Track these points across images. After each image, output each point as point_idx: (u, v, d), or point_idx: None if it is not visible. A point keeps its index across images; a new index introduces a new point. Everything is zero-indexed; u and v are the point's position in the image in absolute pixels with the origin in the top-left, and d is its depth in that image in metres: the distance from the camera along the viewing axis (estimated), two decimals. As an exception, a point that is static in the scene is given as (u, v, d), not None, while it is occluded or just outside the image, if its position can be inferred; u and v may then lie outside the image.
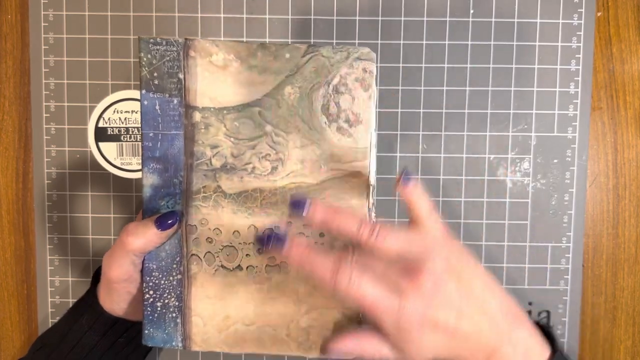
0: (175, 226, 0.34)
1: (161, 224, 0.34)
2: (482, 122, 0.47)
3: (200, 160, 0.35)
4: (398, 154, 0.47)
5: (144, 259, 0.35)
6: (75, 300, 0.48)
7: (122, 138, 0.41)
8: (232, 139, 0.34)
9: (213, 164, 0.35)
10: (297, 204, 0.32)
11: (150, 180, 0.35)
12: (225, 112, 0.34)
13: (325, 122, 0.34)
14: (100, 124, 0.41)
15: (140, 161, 0.42)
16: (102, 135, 0.41)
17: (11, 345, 0.49)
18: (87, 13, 0.47)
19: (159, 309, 0.36)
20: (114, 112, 0.41)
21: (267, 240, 0.32)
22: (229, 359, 0.48)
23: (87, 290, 0.40)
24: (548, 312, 0.48)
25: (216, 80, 0.34)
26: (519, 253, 0.48)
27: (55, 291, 0.48)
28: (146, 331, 0.36)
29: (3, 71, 0.48)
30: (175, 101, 0.34)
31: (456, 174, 0.47)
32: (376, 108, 0.35)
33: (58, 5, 0.47)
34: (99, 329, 0.37)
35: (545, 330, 0.34)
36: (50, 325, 0.48)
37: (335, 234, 0.34)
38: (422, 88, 0.47)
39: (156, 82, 0.34)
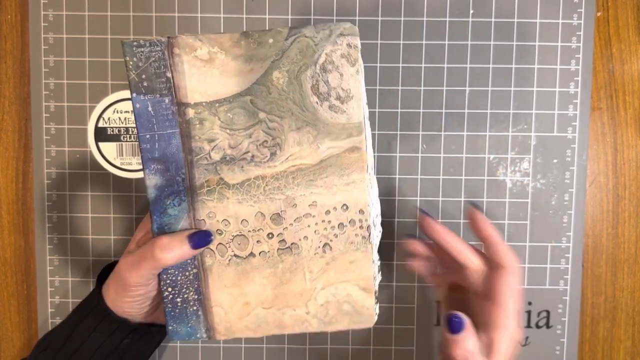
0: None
1: (196, 243, 0.35)
2: (482, 122, 0.47)
3: (199, 155, 0.35)
4: (398, 154, 0.47)
5: None
6: (75, 300, 0.48)
7: (121, 138, 0.41)
8: (227, 130, 0.35)
9: (212, 158, 0.35)
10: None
11: (153, 181, 0.35)
12: (217, 104, 0.34)
13: (317, 102, 0.34)
14: (100, 124, 0.41)
15: (140, 161, 0.42)
16: (102, 135, 0.41)
17: (11, 346, 0.49)
18: (87, 13, 0.47)
19: (179, 304, 0.36)
20: (114, 112, 0.41)
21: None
22: (228, 356, 0.48)
23: (92, 291, 0.40)
24: (548, 312, 0.48)
25: (204, 74, 0.34)
26: (519, 253, 0.48)
27: (55, 291, 0.48)
28: (170, 327, 0.36)
29: (3, 71, 0.48)
30: (167, 100, 0.34)
31: (456, 174, 0.47)
32: (364, 81, 0.35)
33: (58, 5, 0.47)
34: (104, 330, 0.37)
35: None
36: (50, 326, 0.48)
37: None
38: (422, 88, 0.47)
39: (145, 84, 0.34)
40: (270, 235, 0.36)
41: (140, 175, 0.41)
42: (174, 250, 0.34)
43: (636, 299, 0.49)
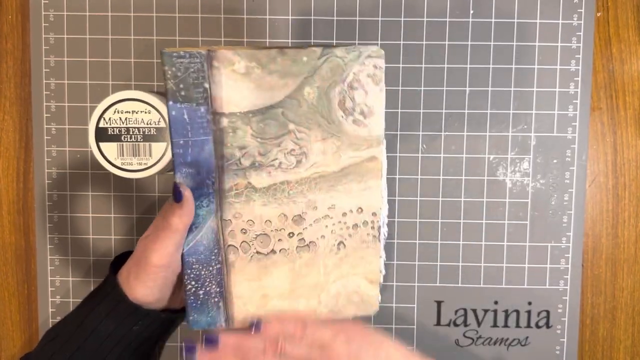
0: (188, 194, 0.37)
1: (176, 197, 0.36)
2: (482, 122, 0.47)
3: (230, 161, 0.37)
4: (398, 154, 0.47)
5: (182, 254, 0.37)
6: (76, 300, 0.48)
7: (122, 138, 0.41)
8: (258, 139, 0.37)
9: (242, 164, 0.37)
10: (188, 349, 0.37)
11: (184, 183, 0.37)
12: (250, 115, 0.36)
13: (343, 116, 0.37)
14: (101, 124, 0.41)
15: (140, 161, 0.43)
16: (102, 135, 0.41)
17: (11, 345, 0.49)
18: (87, 13, 0.47)
19: (201, 296, 0.38)
20: (115, 112, 0.41)
21: (202, 342, 0.37)
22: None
23: (104, 280, 0.40)
24: (547, 311, 0.48)
25: (240, 86, 0.36)
26: (519, 253, 0.48)
27: (56, 291, 0.48)
28: (191, 317, 0.39)
29: (4, 71, 0.48)
30: (203, 109, 0.36)
31: (456, 174, 0.48)
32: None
33: (59, 5, 0.47)
34: (116, 316, 0.37)
35: None
36: (50, 325, 0.48)
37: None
38: (422, 88, 0.47)
39: (182, 93, 0.35)
40: (291, 235, 0.39)
41: (140, 175, 0.41)
42: (185, 210, 0.36)
43: (636, 298, 0.49)
